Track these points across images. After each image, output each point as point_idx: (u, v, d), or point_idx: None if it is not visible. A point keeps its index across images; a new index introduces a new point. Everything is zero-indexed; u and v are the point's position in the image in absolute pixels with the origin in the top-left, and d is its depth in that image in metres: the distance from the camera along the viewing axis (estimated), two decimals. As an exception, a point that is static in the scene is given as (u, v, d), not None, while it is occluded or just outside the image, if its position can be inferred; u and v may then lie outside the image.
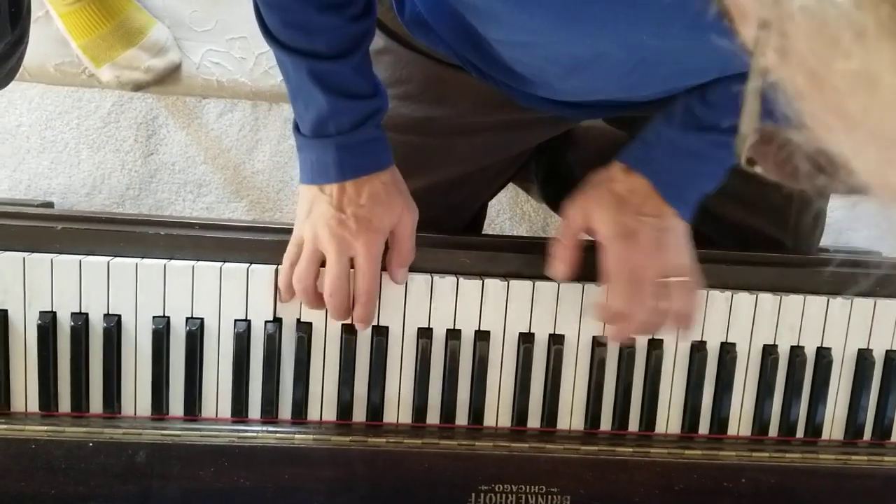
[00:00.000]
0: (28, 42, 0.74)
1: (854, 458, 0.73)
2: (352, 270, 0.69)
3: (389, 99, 0.79)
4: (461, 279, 0.72)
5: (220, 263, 0.71)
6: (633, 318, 0.69)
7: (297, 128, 0.69)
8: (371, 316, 0.70)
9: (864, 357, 0.75)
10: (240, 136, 1.23)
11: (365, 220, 0.67)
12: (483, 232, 0.98)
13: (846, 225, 1.29)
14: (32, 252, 0.70)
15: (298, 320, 0.71)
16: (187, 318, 0.71)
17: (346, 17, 0.63)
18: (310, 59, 0.64)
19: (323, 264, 0.69)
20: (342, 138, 0.67)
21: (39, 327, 0.69)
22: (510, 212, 1.29)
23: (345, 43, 0.65)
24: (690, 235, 0.70)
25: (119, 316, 0.70)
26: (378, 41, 0.78)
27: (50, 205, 1.12)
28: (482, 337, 0.72)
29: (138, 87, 1.18)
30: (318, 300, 0.70)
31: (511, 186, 1.20)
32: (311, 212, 0.69)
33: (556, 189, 1.03)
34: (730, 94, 0.71)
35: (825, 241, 1.21)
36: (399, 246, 0.70)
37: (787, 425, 0.75)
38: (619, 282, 0.68)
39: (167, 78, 1.18)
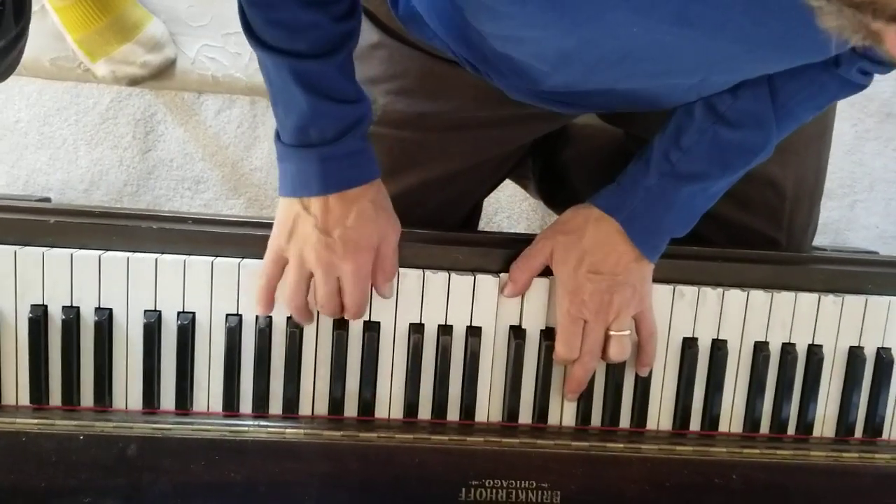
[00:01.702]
0: (28, 36, 0.75)
1: (845, 455, 0.73)
2: None
3: (384, 94, 0.78)
4: (453, 275, 0.72)
5: (211, 258, 0.71)
6: (572, 366, 0.72)
7: (278, 137, 0.67)
8: (361, 316, 0.70)
9: (855, 354, 0.75)
10: (238, 132, 1.23)
11: (353, 242, 0.66)
12: (479, 229, 0.98)
13: (844, 225, 1.29)
14: (24, 245, 0.70)
15: (290, 316, 0.71)
16: (179, 313, 0.71)
17: (331, 15, 0.63)
18: (292, 59, 0.63)
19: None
20: (326, 149, 0.65)
21: (31, 320, 0.69)
22: (508, 210, 1.29)
23: (328, 43, 0.63)
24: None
25: (110, 310, 0.70)
26: (372, 36, 0.78)
27: (47, 201, 1.12)
28: (474, 332, 0.72)
29: (134, 82, 1.18)
30: (307, 314, 0.70)
31: (509, 185, 1.20)
32: (293, 232, 0.67)
33: (551, 186, 1.03)
34: (703, 140, 0.73)
35: (823, 241, 1.21)
36: (383, 263, 0.69)
37: (779, 422, 0.75)
38: (561, 330, 0.71)
39: (163, 73, 1.19)
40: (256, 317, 0.71)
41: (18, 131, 1.21)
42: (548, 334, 0.73)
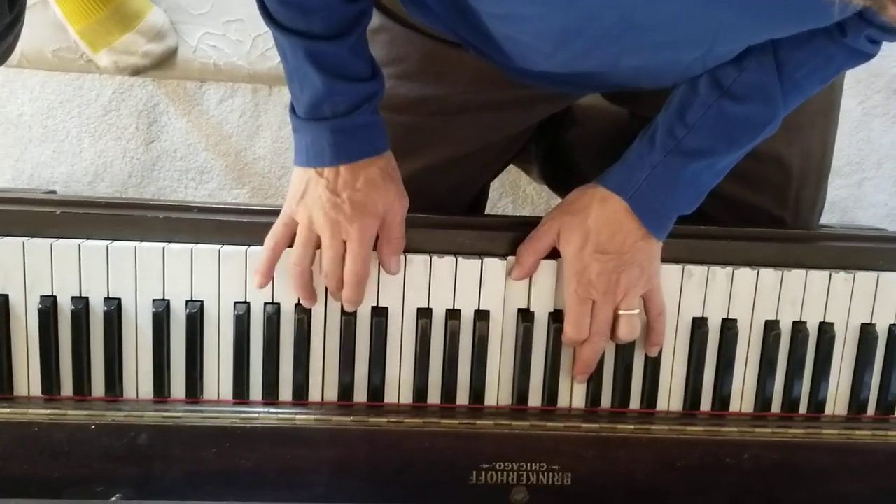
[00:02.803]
0: (24, 21, 0.75)
1: (857, 433, 0.72)
2: None
3: (386, 78, 0.78)
4: (460, 259, 0.72)
5: (218, 246, 0.71)
6: (581, 346, 0.72)
7: (292, 109, 0.69)
8: (360, 298, 0.70)
9: (867, 332, 0.74)
10: (240, 122, 1.23)
11: (360, 204, 0.68)
12: (485, 213, 0.97)
13: (852, 203, 1.28)
14: (32, 237, 0.70)
15: (298, 302, 0.71)
16: (187, 301, 0.71)
17: None
18: (306, 40, 0.64)
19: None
20: (338, 122, 0.67)
21: (40, 312, 0.70)
22: (512, 195, 1.28)
23: (341, 24, 0.65)
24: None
25: (119, 300, 0.70)
26: (374, 19, 0.78)
27: (53, 194, 1.12)
28: (482, 316, 0.72)
29: (136, 71, 1.18)
30: (310, 288, 0.70)
31: (513, 169, 1.19)
32: (305, 194, 0.69)
33: (555, 169, 1.02)
34: (708, 116, 0.72)
35: (831, 220, 1.20)
36: (389, 234, 0.70)
37: (790, 401, 0.75)
38: (570, 311, 0.71)
39: (164, 62, 1.18)
40: (265, 304, 0.71)
41: (22, 125, 1.21)
42: (556, 316, 0.73)
